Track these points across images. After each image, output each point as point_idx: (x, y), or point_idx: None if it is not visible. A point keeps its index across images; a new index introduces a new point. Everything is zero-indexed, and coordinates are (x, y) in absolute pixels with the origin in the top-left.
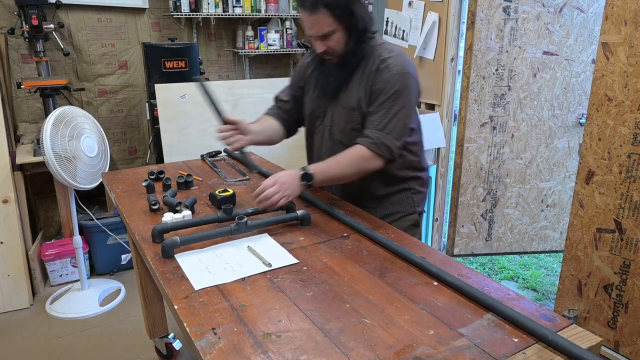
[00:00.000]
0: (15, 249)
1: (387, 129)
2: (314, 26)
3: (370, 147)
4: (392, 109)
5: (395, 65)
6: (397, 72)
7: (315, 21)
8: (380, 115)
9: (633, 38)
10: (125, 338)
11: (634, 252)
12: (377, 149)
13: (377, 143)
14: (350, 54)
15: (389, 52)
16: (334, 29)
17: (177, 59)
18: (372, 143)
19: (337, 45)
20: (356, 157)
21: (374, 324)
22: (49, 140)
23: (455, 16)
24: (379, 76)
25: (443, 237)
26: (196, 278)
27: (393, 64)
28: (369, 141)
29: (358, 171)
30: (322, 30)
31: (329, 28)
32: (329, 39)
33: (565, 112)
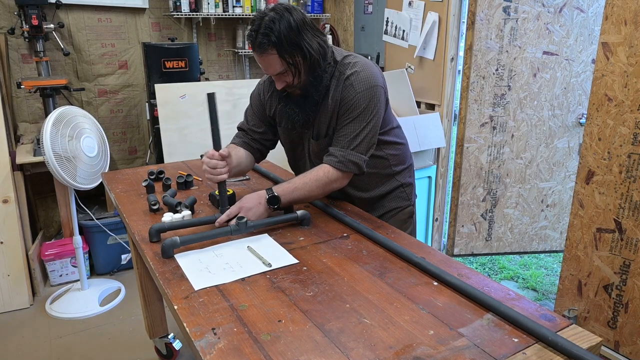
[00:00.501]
0: (15, 249)
1: (352, 145)
2: (267, 67)
3: (337, 166)
4: (359, 126)
5: (358, 82)
6: (361, 89)
7: (268, 62)
8: (347, 132)
9: (633, 38)
10: (125, 338)
11: (634, 252)
12: (344, 167)
13: (343, 161)
14: (310, 85)
15: (351, 68)
16: (284, 69)
17: (177, 59)
18: (338, 162)
19: (296, 81)
20: (323, 177)
21: (374, 324)
22: (49, 140)
23: (455, 16)
24: (344, 95)
25: (443, 237)
26: (196, 278)
27: (356, 80)
28: (334, 160)
29: (324, 191)
30: (275, 70)
31: (279, 67)
32: (286, 76)
33: (565, 112)
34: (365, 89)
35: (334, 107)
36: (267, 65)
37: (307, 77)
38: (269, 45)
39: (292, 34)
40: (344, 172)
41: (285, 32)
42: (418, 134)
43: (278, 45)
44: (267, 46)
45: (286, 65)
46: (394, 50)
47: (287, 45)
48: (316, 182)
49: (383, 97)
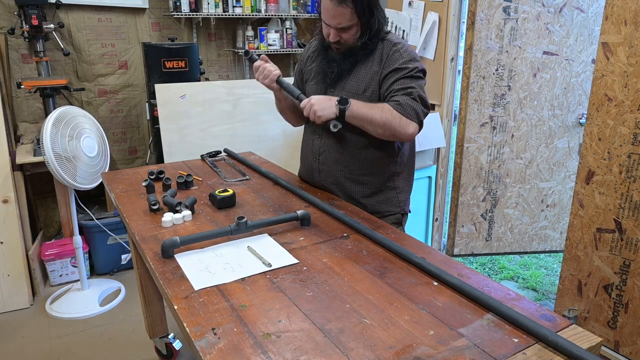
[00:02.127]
0: (15, 249)
1: (413, 95)
2: (335, 17)
3: (397, 108)
4: (414, 82)
5: (407, 52)
6: (409, 57)
7: (339, 12)
8: (404, 84)
9: (633, 38)
10: (125, 338)
11: (634, 252)
12: (404, 111)
13: (403, 105)
14: (358, 48)
15: (398, 40)
16: (353, 24)
17: (177, 59)
18: (398, 105)
19: (350, 39)
20: (388, 110)
21: (374, 324)
22: (49, 140)
23: (455, 16)
24: (393, 57)
25: (443, 237)
26: (196, 278)
27: (405, 49)
28: (395, 103)
29: (386, 124)
30: (342, 22)
31: (349, 22)
32: (346, 32)
33: (565, 112)
34: (412, 58)
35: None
36: (335, 15)
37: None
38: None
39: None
40: (405, 116)
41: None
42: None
43: (357, 2)
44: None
45: (356, 21)
46: None
47: (365, 5)
48: (382, 110)
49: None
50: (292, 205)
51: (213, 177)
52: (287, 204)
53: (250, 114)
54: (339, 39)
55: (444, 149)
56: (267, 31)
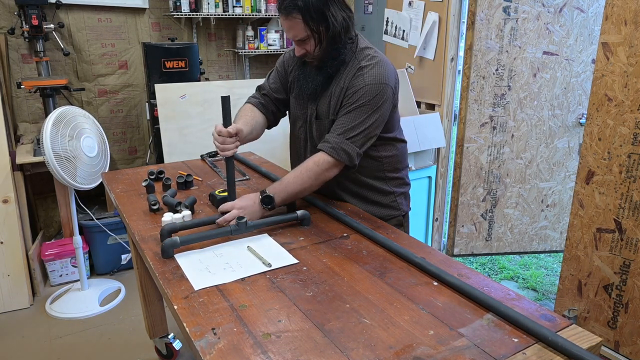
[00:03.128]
0: (15, 249)
1: (348, 134)
2: (289, 30)
3: (329, 152)
4: (359, 118)
5: (370, 75)
6: (370, 82)
7: (291, 26)
8: (346, 121)
9: (633, 38)
10: (125, 338)
11: (634, 252)
12: (336, 154)
13: (335, 148)
14: (328, 58)
15: (368, 60)
16: (307, 35)
17: (177, 59)
18: (330, 148)
19: (314, 50)
20: (313, 166)
21: (374, 324)
22: (49, 140)
23: (455, 16)
24: (352, 83)
25: (443, 237)
26: (196, 278)
27: (369, 73)
28: (327, 146)
29: (317, 181)
30: (297, 34)
31: (303, 33)
32: (306, 43)
33: (565, 112)
34: (373, 83)
35: (340, 93)
36: (289, 28)
37: (327, 49)
38: (294, 9)
39: (319, 3)
40: (335, 160)
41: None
42: (418, 134)
43: (303, 11)
44: (292, 9)
45: (309, 32)
46: (394, 50)
47: (312, 12)
48: (307, 172)
49: (390, 98)
50: None
51: (213, 177)
52: None
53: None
54: (304, 52)
55: (444, 149)
56: (267, 31)
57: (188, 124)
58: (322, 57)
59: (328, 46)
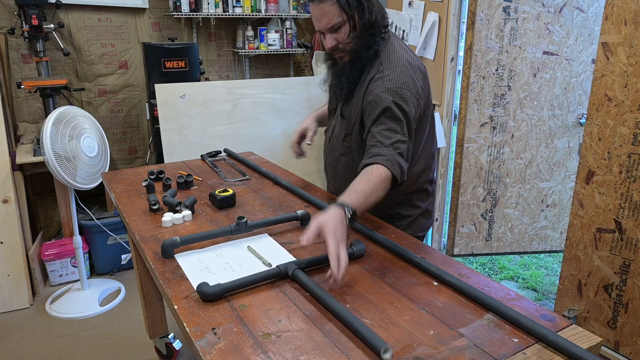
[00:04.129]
0: (15, 249)
1: (395, 146)
2: (322, 18)
3: (387, 164)
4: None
5: (390, 80)
6: (390, 86)
7: (323, 11)
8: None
9: (633, 38)
10: (125, 338)
11: (634, 252)
12: (392, 166)
13: (391, 160)
14: (362, 48)
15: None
16: (342, 20)
17: (177, 59)
18: (387, 160)
19: (346, 40)
20: (378, 179)
21: (374, 324)
22: (49, 140)
23: (455, 16)
24: (372, 87)
25: (443, 237)
26: (196, 278)
27: (388, 76)
28: (384, 159)
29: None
30: (330, 21)
31: (337, 19)
32: (338, 32)
33: (565, 112)
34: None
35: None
36: (321, 15)
37: (361, 38)
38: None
39: None
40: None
41: None
42: None
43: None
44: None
45: (344, 16)
46: None
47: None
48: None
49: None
50: (292, 205)
51: (213, 177)
52: (287, 204)
53: (250, 114)
54: (336, 44)
55: (444, 149)
56: (267, 31)
57: (188, 124)
58: (354, 47)
59: (362, 35)
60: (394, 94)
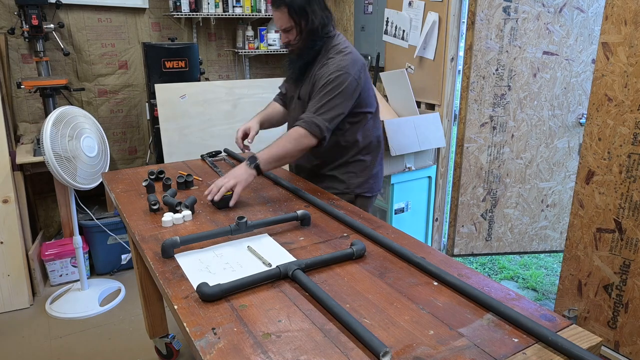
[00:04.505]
0: (15, 249)
1: (318, 112)
2: (277, 20)
3: (303, 125)
4: (325, 98)
5: (335, 64)
6: (334, 69)
7: (278, 16)
8: (315, 102)
9: (633, 38)
10: (125, 338)
11: (634, 252)
12: (308, 126)
13: (307, 122)
14: (306, 48)
15: (337, 53)
16: (291, 25)
17: (177, 59)
18: (304, 122)
19: (294, 40)
20: (293, 133)
21: (374, 324)
22: (49, 140)
23: (455, 16)
24: (320, 72)
25: (443, 237)
26: (196, 278)
27: (334, 62)
28: (301, 121)
29: (296, 147)
30: (282, 25)
31: (287, 24)
32: (289, 33)
33: (565, 112)
34: (337, 70)
35: (315, 81)
36: (276, 19)
37: (305, 40)
38: (282, 3)
39: (303, 1)
40: (308, 132)
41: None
42: (418, 134)
43: (289, 5)
44: (281, 3)
45: (292, 23)
46: (394, 50)
47: (296, 7)
48: (287, 138)
49: (352, 85)
50: (292, 205)
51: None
52: (287, 204)
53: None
54: (287, 41)
55: (444, 149)
56: (267, 31)
57: (188, 124)
58: (301, 46)
59: (307, 37)
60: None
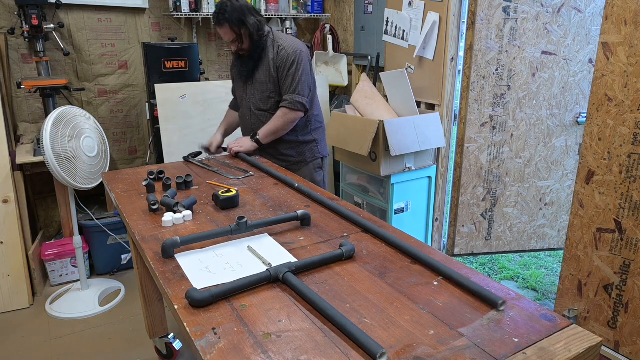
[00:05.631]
0: (15, 249)
1: (296, 90)
2: (223, 35)
3: (288, 106)
4: (295, 75)
5: (288, 47)
6: (290, 50)
7: (223, 32)
8: (288, 82)
9: (633, 38)
10: (125, 338)
11: (634, 252)
12: (293, 105)
13: (291, 102)
14: (253, 49)
15: (283, 42)
16: (234, 37)
17: (177, 59)
18: (288, 103)
19: (241, 45)
20: (281, 114)
21: (374, 324)
22: (49, 140)
23: (455, 16)
24: (278, 57)
25: (443, 237)
26: (196, 278)
27: (286, 46)
28: (285, 102)
29: (285, 123)
30: (229, 37)
31: (231, 36)
32: (236, 43)
33: (563, 111)
34: (292, 51)
35: (271, 65)
36: (223, 34)
37: (251, 43)
38: (223, 20)
39: (238, 14)
40: (293, 110)
41: (232, 12)
42: (418, 134)
43: (229, 21)
44: (222, 21)
45: (235, 34)
46: (394, 50)
47: (234, 21)
48: (277, 118)
49: (307, 58)
50: (293, 204)
51: (213, 177)
52: (287, 204)
53: None
54: (237, 48)
55: (444, 149)
56: None
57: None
58: (249, 49)
59: (250, 41)
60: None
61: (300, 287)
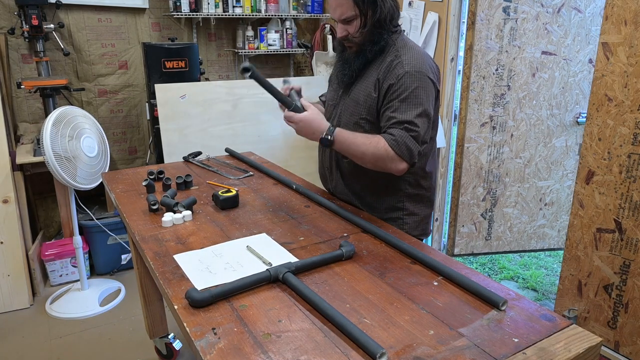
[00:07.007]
0: (15, 249)
1: (410, 131)
2: (337, 8)
3: (392, 144)
4: (413, 110)
5: (408, 63)
6: (410, 69)
7: (339, 3)
8: (405, 114)
9: (633, 38)
10: (125, 338)
11: (634, 252)
12: (398, 148)
13: (398, 142)
14: (368, 43)
15: (407, 50)
16: (354, 15)
17: (177, 59)
18: (393, 140)
19: (356, 32)
20: (382, 149)
21: (374, 324)
22: (49, 140)
23: (455, 16)
24: (391, 72)
25: (443, 237)
26: (196, 278)
27: (407, 61)
28: (391, 138)
29: (374, 163)
30: (344, 13)
31: (350, 13)
32: (350, 24)
33: (563, 111)
34: (414, 71)
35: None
36: (338, 5)
37: (369, 33)
38: None
39: None
40: (397, 154)
41: None
42: None
43: None
44: None
45: (357, 11)
46: None
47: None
48: (374, 148)
49: (433, 91)
50: (293, 205)
51: (214, 177)
52: (287, 204)
53: (250, 114)
54: (346, 34)
55: (444, 149)
56: (267, 31)
57: (188, 124)
58: (362, 41)
59: (371, 30)
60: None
61: (300, 287)
